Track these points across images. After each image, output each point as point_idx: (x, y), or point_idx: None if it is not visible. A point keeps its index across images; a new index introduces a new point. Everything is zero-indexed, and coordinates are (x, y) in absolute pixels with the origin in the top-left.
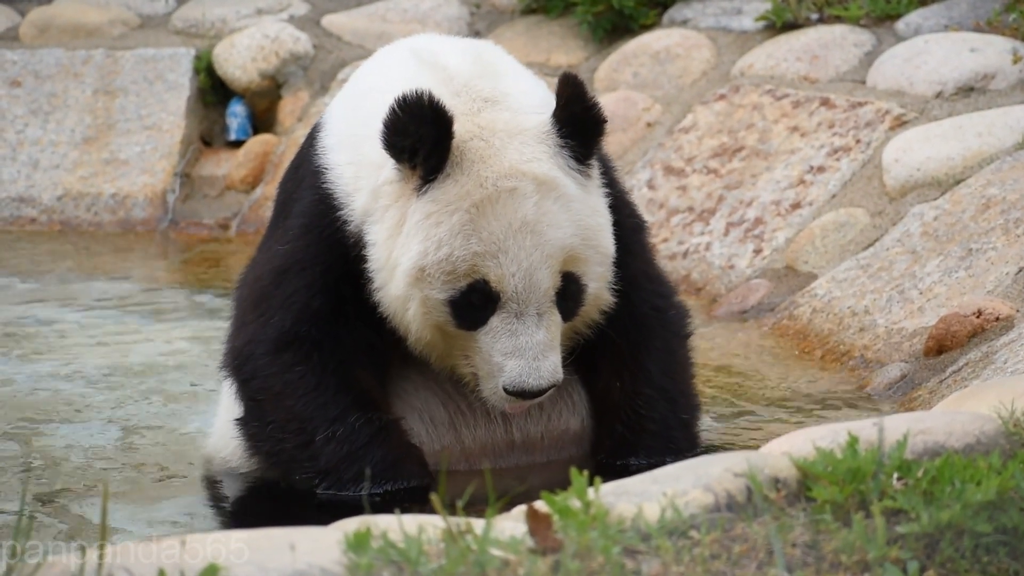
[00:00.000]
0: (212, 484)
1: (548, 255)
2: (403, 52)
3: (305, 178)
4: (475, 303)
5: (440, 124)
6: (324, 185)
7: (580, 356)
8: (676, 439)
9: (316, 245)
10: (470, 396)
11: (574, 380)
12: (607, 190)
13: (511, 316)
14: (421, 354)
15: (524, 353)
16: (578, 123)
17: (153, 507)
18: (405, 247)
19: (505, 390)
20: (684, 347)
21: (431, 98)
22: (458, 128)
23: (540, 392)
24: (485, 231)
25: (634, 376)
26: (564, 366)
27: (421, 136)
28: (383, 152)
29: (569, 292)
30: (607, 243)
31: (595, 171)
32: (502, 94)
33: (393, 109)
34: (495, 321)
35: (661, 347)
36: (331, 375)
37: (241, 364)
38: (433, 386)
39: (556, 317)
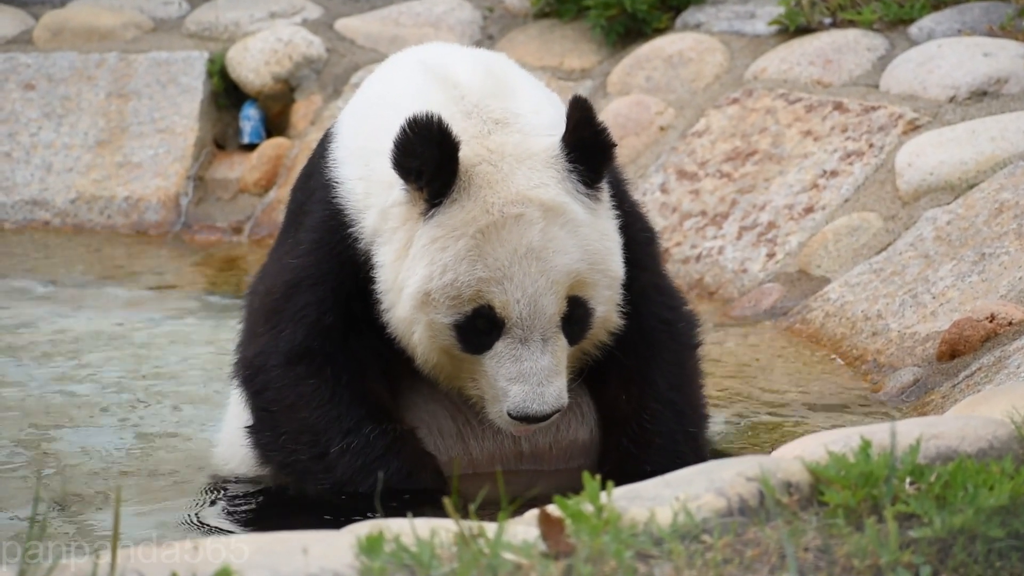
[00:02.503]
0: (224, 489)
1: (554, 281)
2: (413, 63)
3: (316, 190)
4: (480, 328)
5: (445, 148)
6: (335, 200)
7: (589, 366)
8: (683, 453)
9: (327, 262)
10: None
11: (583, 391)
12: (617, 206)
13: (516, 342)
14: (429, 375)
15: (528, 379)
16: (587, 147)
17: (166, 511)
18: (411, 271)
19: (509, 415)
20: (693, 358)
21: (440, 122)
22: (467, 152)
23: (544, 417)
24: (490, 257)
25: (641, 389)
26: (572, 379)
27: (427, 158)
28: (393, 171)
29: (576, 316)
30: (616, 266)
31: (604, 194)
32: (513, 115)
33: (404, 129)
34: (500, 346)
35: (669, 359)
36: (344, 388)
37: (253, 375)
38: (442, 398)
39: (562, 342)
